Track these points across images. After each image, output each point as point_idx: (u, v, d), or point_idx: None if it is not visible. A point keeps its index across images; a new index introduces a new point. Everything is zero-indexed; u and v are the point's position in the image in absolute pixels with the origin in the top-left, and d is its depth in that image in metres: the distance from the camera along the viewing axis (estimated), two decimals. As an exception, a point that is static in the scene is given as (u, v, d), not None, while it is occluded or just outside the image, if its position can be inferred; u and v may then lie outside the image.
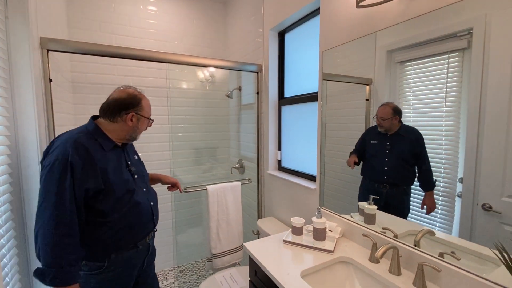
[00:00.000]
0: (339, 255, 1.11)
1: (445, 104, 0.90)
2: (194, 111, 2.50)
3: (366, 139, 1.20)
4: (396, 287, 0.92)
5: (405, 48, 1.03)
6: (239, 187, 1.94)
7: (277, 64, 1.96)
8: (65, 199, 0.90)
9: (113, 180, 1.02)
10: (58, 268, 0.88)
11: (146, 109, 1.14)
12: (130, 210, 1.06)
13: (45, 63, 1.35)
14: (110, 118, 1.08)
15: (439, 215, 0.94)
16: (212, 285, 1.55)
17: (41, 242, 0.88)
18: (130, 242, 1.08)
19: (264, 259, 1.09)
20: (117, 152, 1.10)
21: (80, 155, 0.94)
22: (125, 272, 1.09)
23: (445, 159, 0.91)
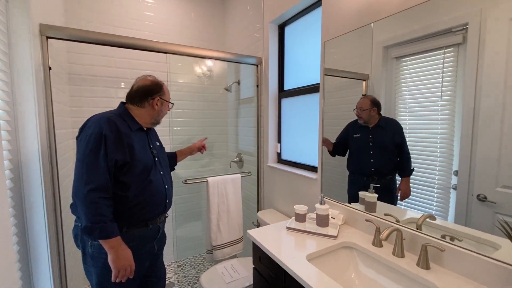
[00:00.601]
0: (342, 240, 1.13)
1: (441, 98, 0.92)
2: (191, 105, 2.49)
3: (349, 133, 1.24)
4: (400, 267, 0.93)
5: (401, 44, 1.05)
6: (239, 179, 1.95)
7: (277, 57, 1.97)
8: (101, 166, 1.01)
9: (138, 155, 1.11)
10: (103, 223, 0.99)
11: (167, 93, 1.28)
12: (145, 187, 1.13)
13: (44, 51, 1.33)
14: (138, 104, 1.20)
15: (435, 207, 0.97)
16: (213, 276, 1.55)
17: (80, 205, 0.99)
18: (141, 220, 1.14)
19: (269, 245, 1.10)
20: (141, 134, 1.20)
21: (112, 130, 1.05)
22: (137, 248, 1.14)
23: (440, 153, 0.94)
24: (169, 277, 2.25)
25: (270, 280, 1.11)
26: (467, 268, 0.85)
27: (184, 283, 2.18)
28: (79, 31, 1.42)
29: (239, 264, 1.67)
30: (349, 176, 1.30)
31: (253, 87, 2.13)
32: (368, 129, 1.15)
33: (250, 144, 2.25)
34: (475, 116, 0.85)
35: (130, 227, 1.12)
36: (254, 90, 2.11)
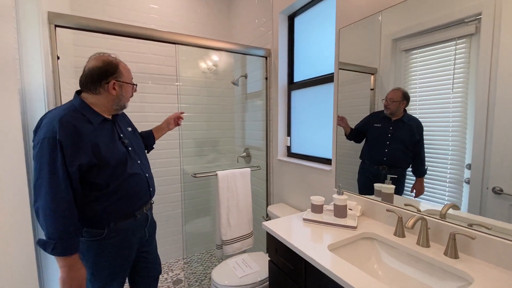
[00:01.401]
0: (362, 231, 1.09)
1: (453, 91, 0.90)
2: (198, 100, 2.45)
3: (370, 122, 1.24)
4: (427, 257, 0.90)
5: (411, 36, 1.03)
6: (249, 173, 1.91)
7: (287, 49, 1.94)
8: (58, 176, 0.91)
9: (105, 154, 1.01)
10: (58, 239, 0.90)
11: (125, 74, 1.10)
12: (125, 181, 1.07)
13: (52, 39, 1.29)
14: (92, 91, 1.04)
15: (446, 201, 0.95)
16: (225, 270, 1.51)
17: (41, 216, 0.91)
18: (127, 212, 1.10)
19: (287, 236, 1.06)
20: (107, 125, 1.08)
21: (67, 133, 0.92)
22: (125, 240, 1.11)
23: (452, 146, 0.92)
24: (177, 274, 2.22)
25: (288, 272, 1.07)
26: (500, 257, 0.81)
27: (192, 279, 2.14)
28: (86, 19, 1.39)
29: (250, 258, 1.63)
30: (361, 164, 1.29)
31: (261, 80, 2.09)
32: (390, 121, 1.15)
33: (258, 139, 2.21)
34: (489, 107, 0.82)
35: (118, 221, 1.07)
36: (262, 83, 2.08)
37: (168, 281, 2.12)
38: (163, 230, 2.36)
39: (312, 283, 0.93)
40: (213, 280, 1.45)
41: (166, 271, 2.27)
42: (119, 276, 1.12)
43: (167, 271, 2.26)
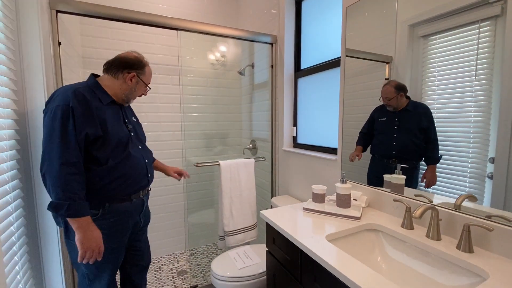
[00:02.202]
0: (366, 222, 1.01)
1: (475, 78, 0.83)
2: (205, 91, 2.43)
3: (375, 117, 1.19)
4: (437, 251, 0.81)
5: (430, 21, 0.94)
6: (253, 164, 1.86)
7: (294, 34, 1.86)
8: (70, 140, 0.94)
9: (111, 130, 1.05)
10: (71, 201, 0.92)
11: (147, 75, 1.20)
12: (124, 161, 1.09)
13: (53, 25, 1.30)
14: (112, 74, 1.12)
15: (479, 205, 0.84)
16: (225, 261, 1.48)
17: (50, 180, 0.92)
18: (123, 194, 1.11)
19: (284, 225, 1.00)
20: (114, 108, 1.14)
21: (80, 102, 0.98)
22: (119, 223, 1.11)
23: (474, 138, 0.84)
24: (182, 265, 2.22)
25: (285, 263, 1.01)
26: (522, 252, 0.71)
27: (196, 271, 2.13)
28: (89, 5, 1.38)
29: (252, 250, 1.58)
30: (371, 159, 1.22)
31: (267, 68, 2.03)
32: (395, 113, 1.09)
33: (264, 130, 2.16)
34: (517, 95, 0.73)
35: (113, 202, 1.08)
36: (268, 71, 2.01)
37: (173, 272, 2.12)
38: (170, 221, 2.37)
39: (308, 274, 0.87)
40: (212, 270, 1.41)
41: (171, 261, 2.28)
42: (112, 260, 1.12)
43: (172, 262, 2.27)
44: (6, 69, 1.01)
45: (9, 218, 0.97)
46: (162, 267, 2.20)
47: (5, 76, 1.00)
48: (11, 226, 0.98)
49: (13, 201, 1.01)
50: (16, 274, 0.98)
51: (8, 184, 0.98)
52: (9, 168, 1.00)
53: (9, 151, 1.00)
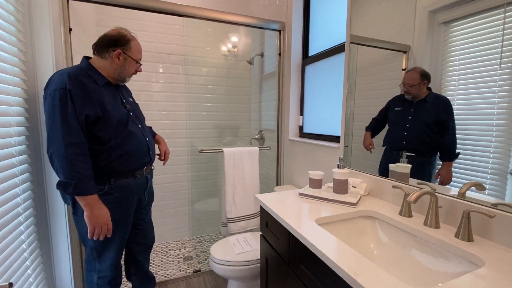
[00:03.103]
0: (362, 209, 0.97)
1: (500, 66, 0.75)
2: (216, 81, 2.44)
3: (391, 106, 1.12)
4: (435, 240, 0.75)
5: (451, 6, 0.88)
6: (257, 152, 1.85)
7: (302, 20, 1.81)
8: (71, 122, 0.98)
9: (110, 110, 1.09)
10: (77, 180, 0.98)
11: (134, 50, 1.17)
12: (125, 139, 1.13)
13: (64, 11, 1.36)
14: (99, 54, 1.13)
15: (486, 195, 0.77)
16: (224, 246, 1.49)
17: (57, 161, 0.98)
18: (127, 170, 1.16)
19: (277, 208, 0.98)
20: (111, 89, 1.16)
21: (76, 85, 1.01)
22: (125, 197, 1.17)
23: (496, 132, 0.77)
24: (188, 251, 2.27)
25: (275, 246, 1.00)
26: (527, 241, 0.65)
27: (201, 257, 2.17)
28: (99, -8, 1.43)
29: (252, 237, 1.58)
30: (383, 152, 1.15)
31: (275, 56, 2.00)
32: (412, 103, 1.02)
33: (272, 120, 2.13)
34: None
35: (118, 178, 1.13)
36: (276, 58, 1.98)
37: (180, 257, 2.18)
38: (176, 209, 2.42)
39: (294, 257, 0.85)
40: (211, 254, 1.43)
41: (179, 247, 2.33)
42: (119, 234, 1.18)
43: (179, 248, 2.33)
44: (17, 50, 1.08)
45: (17, 199, 1.04)
46: (170, 252, 2.26)
47: (16, 57, 1.06)
48: (18, 207, 1.05)
49: (21, 177, 1.08)
50: (23, 251, 1.05)
51: (15, 158, 1.04)
52: (17, 143, 1.06)
53: (17, 127, 1.06)
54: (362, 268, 0.59)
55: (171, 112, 2.32)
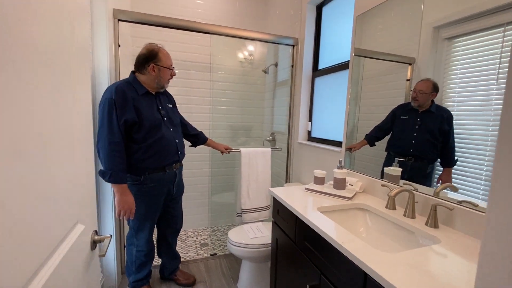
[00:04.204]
0: (356, 202, 1.20)
1: (497, 82, 0.84)
2: (232, 87, 2.70)
3: (396, 114, 1.22)
4: (409, 226, 0.98)
5: (455, 23, 0.96)
6: (269, 153, 2.09)
7: (313, 37, 2.04)
8: (113, 125, 1.27)
9: (145, 116, 1.35)
10: (112, 171, 1.27)
11: (163, 59, 1.41)
12: (156, 141, 1.40)
13: (115, 31, 1.64)
14: (140, 71, 1.41)
15: (480, 200, 0.88)
16: (240, 231, 1.74)
17: (101, 154, 1.28)
18: (158, 166, 1.43)
19: (287, 199, 1.23)
20: (149, 97, 1.43)
21: (119, 96, 1.29)
22: (156, 188, 1.45)
23: (491, 142, 0.85)
24: (204, 238, 2.54)
25: (284, 228, 1.24)
26: (469, 226, 0.87)
27: (216, 244, 2.43)
28: (143, 14, 1.70)
29: (264, 226, 1.83)
30: (386, 156, 1.27)
31: (288, 67, 2.23)
32: (418, 112, 1.11)
33: (283, 124, 2.37)
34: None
35: (151, 172, 1.41)
36: (289, 69, 2.21)
37: (197, 243, 2.45)
38: (196, 200, 2.70)
39: (300, 235, 1.09)
40: (228, 237, 1.69)
41: (195, 235, 2.61)
42: (150, 217, 1.46)
43: (196, 235, 2.60)
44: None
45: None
46: (188, 238, 2.54)
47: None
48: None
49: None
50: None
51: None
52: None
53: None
54: (348, 240, 0.83)
55: (195, 114, 2.60)
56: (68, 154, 0.60)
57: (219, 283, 1.83)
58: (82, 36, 0.70)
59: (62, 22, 0.57)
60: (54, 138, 0.53)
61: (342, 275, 0.82)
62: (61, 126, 0.56)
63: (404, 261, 0.72)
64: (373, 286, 0.69)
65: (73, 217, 0.64)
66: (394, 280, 0.63)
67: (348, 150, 1.50)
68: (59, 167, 0.55)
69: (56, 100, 0.54)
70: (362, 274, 0.73)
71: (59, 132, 0.55)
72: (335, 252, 0.85)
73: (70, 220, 0.62)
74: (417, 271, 0.67)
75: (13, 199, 0.39)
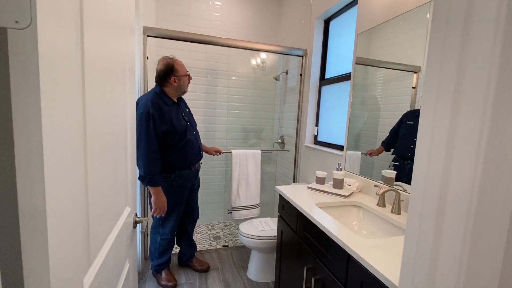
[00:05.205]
0: (352, 200, 1.37)
1: None
2: (246, 93, 2.91)
3: (404, 120, 1.30)
4: (393, 220, 1.14)
5: None
6: (259, 155, 2.30)
7: (321, 49, 2.21)
8: (151, 136, 1.50)
9: (175, 124, 1.57)
10: (151, 175, 1.49)
11: (180, 69, 1.62)
12: (185, 144, 1.64)
13: (145, 45, 1.88)
14: (163, 85, 1.63)
15: None
16: (249, 225, 1.94)
17: (141, 161, 1.51)
18: (186, 164, 1.68)
19: (291, 195, 1.41)
20: (175, 106, 1.66)
21: (156, 110, 1.52)
22: (184, 183, 1.71)
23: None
24: (217, 232, 2.76)
25: (289, 221, 1.43)
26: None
27: (228, 237, 2.64)
28: (168, 31, 1.94)
29: (271, 221, 2.01)
30: (392, 160, 1.34)
31: (297, 76, 2.41)
32: None
33: (291, 127, 2.55)
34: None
35: (181, 170, 1.66)
36: (298, 79, 2.39)
37: (210, 236, 2.67)
38: (210, 197, 2.92)
39: (301, 226, 1.28)
40: (239, 229, 1.89)
41: (209, 229, 2.83)
42: (178, 206, 1.71)
43: (210, 229, 2.82)
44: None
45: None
46: (202, 231, 2.76)
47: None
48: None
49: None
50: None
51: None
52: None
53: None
54: (339, 229, 1.01)
55: (213, 118, 2.83)
56: (122, 155, 0.82)
57: (230, 271, 2.03)
58: (131, 52, 0.91)
59: (120, 40, 0.77)
60: (115, 142, 0.75)
61: (332, 258, 1.00)
62: (119, 131, 0.78)
63: (382, 246, 0.89)
64: (354, 264, 0.87)
65: (124, 201, 0.86)
66: (370, 259, 0.81)
67: (367, 155, 1.54)
68: (120, 165, 0.77)
69: (116, 110, 0.76)
70: (346, 256, 0.91)
71: (118, 137, 0.77)
72: (327, 238, 1.03)
73: (123, 203, 0.84)
74: (389, 253, 0.85)
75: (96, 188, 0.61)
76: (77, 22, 0.45)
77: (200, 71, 2.74)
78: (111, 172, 0.68)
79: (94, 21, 0.53)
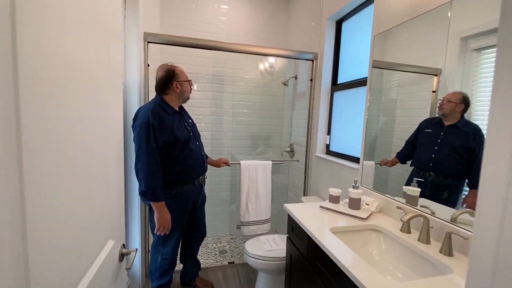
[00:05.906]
0: (371, 223, 1.20)
1: None
2: (253, 98, 2.78)
3: (421, 128, 1.19)
4: (422, 252, 0.98)
5: (484, 34, 0.91)
6: (270, 166, 2.14)
7: (333, 52, 2.06)
8: (152, 147, 1.38)
9: (177, 134, 1.46)
10: (153, 189, 1.38)
11: (181, 75, 1.53)
12: (187, 155, 1.51)
13: (145, 52, 1.78)
14: (164, 93, 1.51)
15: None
16: (256, 243, 1.79)
17: (140, 174, 1.38)
18: (188, 179, 1.55)
19: (301, 217, 1.26)
20: (177, 116, 1.54)
21: (156, 119, 1.39)
22: (186, 199, 1.57)
23: None
24: (223, 245, 2.62)
25: (299, 246, 1.28)
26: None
27: (234, 252, 2.51)
28: (170, 36, 1.84)
29: (280, 239, 1.86)
30: (411, 172, 1.23)
31: (307, 81, 2.26)
32: (443, 126, 1.07)
33: (301, 136, 2.40)
34: None
35: (182, 185, 1.53)
36: (308, 84, 2.24)
37: (216, 250, 2.54)
38: (216, 208, 2.80)
39: (312, 254, 1.12)
40: (245, 248, 1.75)
41: (215, 241, 2.70)
42: (179, 225, 1.58)
43: (216, 242, 2.69)
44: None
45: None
46: (208, 244, 2.64)
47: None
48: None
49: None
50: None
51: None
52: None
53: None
54: (357, 265, 0.85)
55: (218, 125, 2.71)
56: (102, 177, 0.70)
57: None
58: (115, 57, 0.79)
59: (101, 45, 0.65)
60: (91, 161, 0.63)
61: (350, 299, 0.84)
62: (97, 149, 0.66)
63: (411, 292, 0.73)
64: (378, 315, 0.71)
65: (105, 235, 0.74)
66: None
67: (381, 164, 1.41)
68: (95, 191, 0.65)
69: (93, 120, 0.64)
70: (368, 301, 0.76)
71: (94, 157, 0.65)
72: (344, 276, 0.87)
73: (103, 237, 0.72)
74: (423, 304, 0.68)
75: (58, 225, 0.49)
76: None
77: (206, 77, 2.64)
78: (79, 210, 0.56)
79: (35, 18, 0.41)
